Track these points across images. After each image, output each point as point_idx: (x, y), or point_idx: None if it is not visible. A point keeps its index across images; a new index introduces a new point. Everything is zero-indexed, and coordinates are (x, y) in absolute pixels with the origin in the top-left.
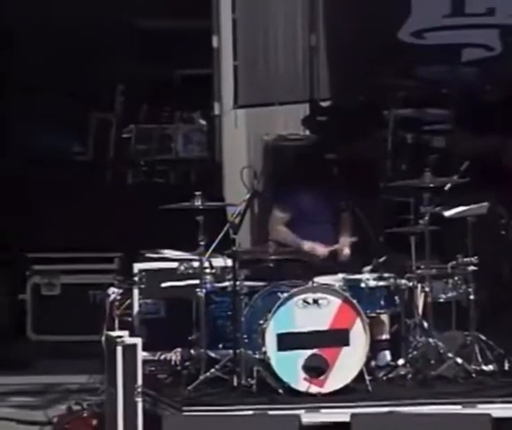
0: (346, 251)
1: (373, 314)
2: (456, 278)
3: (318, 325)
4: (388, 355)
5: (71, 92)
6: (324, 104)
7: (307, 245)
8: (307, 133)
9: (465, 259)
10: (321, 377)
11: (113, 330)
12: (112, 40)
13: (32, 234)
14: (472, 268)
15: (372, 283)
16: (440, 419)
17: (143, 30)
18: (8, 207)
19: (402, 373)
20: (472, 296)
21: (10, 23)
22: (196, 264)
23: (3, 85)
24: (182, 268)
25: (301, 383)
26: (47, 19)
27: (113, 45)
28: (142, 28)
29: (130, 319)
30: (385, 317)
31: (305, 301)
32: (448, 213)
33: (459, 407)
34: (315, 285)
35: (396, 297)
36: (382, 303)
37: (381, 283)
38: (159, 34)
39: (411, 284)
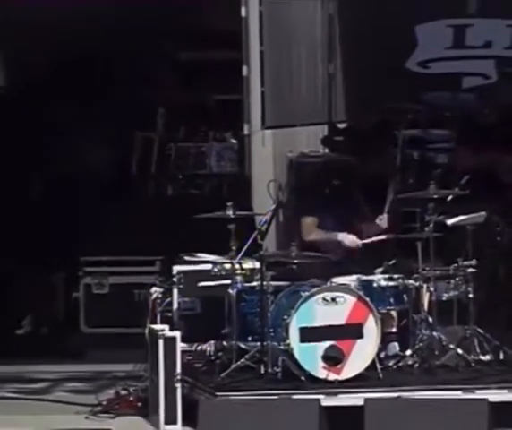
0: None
1: (384, 311)
2: (457, 278)
3: (335, 320)
4: (396, 346)
5: (120, 115)
6: (340, 125)
7: (340, 236)
8: (326, 150)
9: (465, 262)
10: (338, 366)
11: (155, 324)
12: (155, 70)
13: (84, 240)
14: (471, 270)
15: (383, 283)
16: (443, 403)
17: (182, 61)
18: (64, 216)
19: (409, 362)
20: (471, 295)
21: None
22: (228, 266)
23: (63, 109)
24: (215, 269)
25: (320, 371)
26: (103, 52)
27: (156, 74)
28: (182, 59)
29: (170, 315)
30: (394, 313)
31: (324, 299)
32: (450, 221)
33: (460, 392)
34: (333, 285)
35: (405, 296)
36: (392, 300)
37: (391, 283)
38: (196, 64)
39: (417, 284)
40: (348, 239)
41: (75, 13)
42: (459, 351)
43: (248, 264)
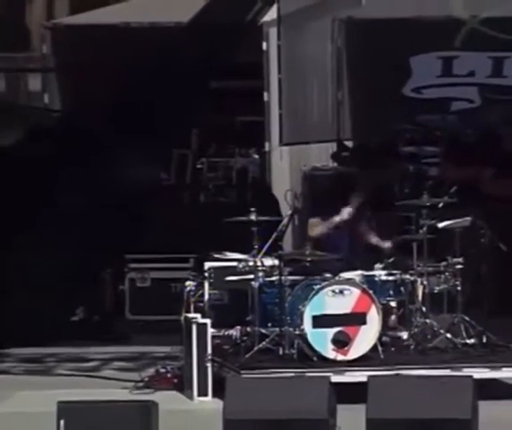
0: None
1: (384, 301)
2: (446, 274)
3: (343, 309)
4: (395, 332)
5: (161, 135)
6: (347, 143)
7: (337, 217)
8: (335, 164)
9: (454, 260)
10: (345, 348)
11: (189, 312)
12: (189, 96)
13: (130, 241)
14: (458, 266)
15: (384, 277)
16: (434, 380)
17: (213, 89)
18: (112, 221)
19: (406, 345)
20: (458, 288)
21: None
22: (251, 263)
23: (114, 129)
24: (240, 266)
25: (330, 353)
26: (148, 81)
27: (191, 99)
28: (213, 87)
29: (202, 304)
30: (393, 303)
31: (333, 291)
32: (440, 225)
33: (449, 370)
34: (340, 279)
35: (402, 288)
36: (391, 292)
37: (390, 278)
38: (225, 91)
39: (413, 278)
40: (344, 212)
41: (125, 46)
42: (448, 336)
43: (268, 262)
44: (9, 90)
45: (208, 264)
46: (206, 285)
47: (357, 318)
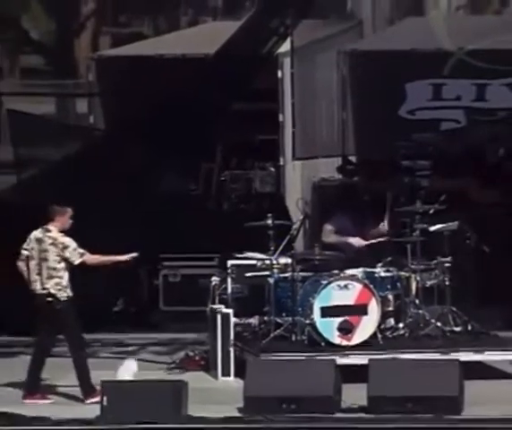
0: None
1: (383, 295)
2: (436, 271)
3: (347, 301)
4: (392, 321)
5: (189, 151)
6: (351, 158)
7: (350, 239)
8: (340, 176)
9: (443, 259)
10: (349, 335)
11: (214, 303)
12: (214, 117)
13: (163, 243)
14: (447, 264)
15: (382, 274)
16: (426, 362)
17: (235, 110)
18: (147, 225)
19: (401, 332)
20: (447, 283)
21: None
22: (268, 262)
23: (150, 149)
24: (258, 264)
25: (336, 339)
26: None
27: (215, 120)
28: (235, 108)
29: (225, 297)
30: (391, 296)
31: (338, 285)
32: (432, 228)
33: (438, 354)
34: (345, 275)
35: (398, 283)
36: (389, 287)
37: (388, 274)
38: (245, 113)
39: (407, 275)
40: (355, 241)
41: (160, 74)
42: (438, 324)
43: (282, 260)
44: (60, 112)
45: (230, 262)
46: (229, 280)
47: (359, 309)
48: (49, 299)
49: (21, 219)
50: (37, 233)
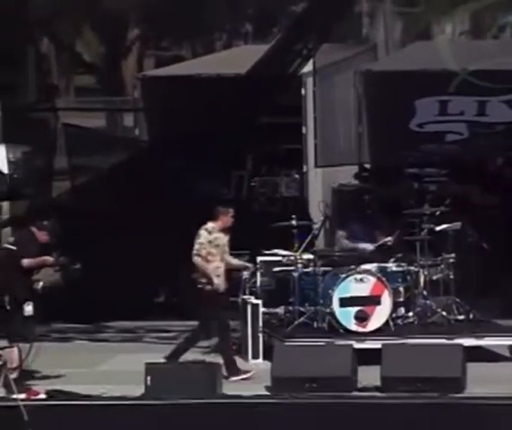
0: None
1: (394, 287)
2: (442, 266)
3: (362, 293)
4: (403, 310)
5: (223, 160)
6: (366, 166)
7: (361, 245)
8: (356, 182)
9: (448, 255)
10: (364, 322)
11: (245, 295)
12: (245, 130)
13: None
14: (451, 260)
15: (394, 268)
16: (433, 347)
17: (264, 123)
18: (186, 226)
19: (411, 320)
20: (451, 276)
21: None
22: (292, 258)
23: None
24: (284, 260)
25: (352, 326)
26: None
27: (246, 134)
28: (263, 122)
29: (255, 289)
30: (401, 288)
31: (355, 279)
32: (438, 228)
33: (444, 340)
34: (361, 269)
35: (408, 277)
36: (400, 280)
37: (399, 268)
38: (273, 126)
39: (416, 269)
40: (364, 246)
41: (197, 92)
42: (443, 313)
43: (305, 256)
44: (109, 125)
45: (259, 258)
46: (258, 274)
47: (374, 300)
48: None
49: (73, 219)
50: (204, 232)
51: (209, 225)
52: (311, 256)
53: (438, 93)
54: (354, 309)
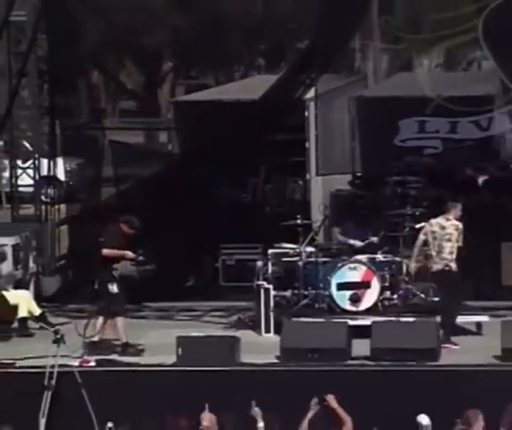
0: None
1: (382, 274)
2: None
3: (355, 279)
4: (388, 293)
5: (241, 170)
6: (359, 174)
7: (352, 241)
8: (351, 188)
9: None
10: (357, 303)
11: (259, 281)
12: (259, 145)
13: (222, 236)
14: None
15: (382, 259)
16: (413, 323)
17: (275, 140)
18: (211, 224)
19: (395, 302)
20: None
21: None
22: (298, 250)
23: (214, 168)
24: (291, 252)
25: (347, 306)
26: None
27: (260, 147)
28: (273, 139)
29: (267, 276)
30: (387, 275)
31: (349, 267)
32: (417, 226)
33: (422, 317)
34: (354, 259)
35: (393, 266)
36: (386, 268)
37: (386, 259)
38: (281, 141)
39: (399, 259)
40: (354, 242)
41: (219, 114)
42: (422, 295)
43: (308, 249)
44: (147, 141)
45: (270, 251)
46: (269, 264)
47: (365, 284)
48: (447, 268)
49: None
50: (439, 220)
51: (446, 216)
52: (313, 249)
53: (417, 115)
54: (349, 292)
